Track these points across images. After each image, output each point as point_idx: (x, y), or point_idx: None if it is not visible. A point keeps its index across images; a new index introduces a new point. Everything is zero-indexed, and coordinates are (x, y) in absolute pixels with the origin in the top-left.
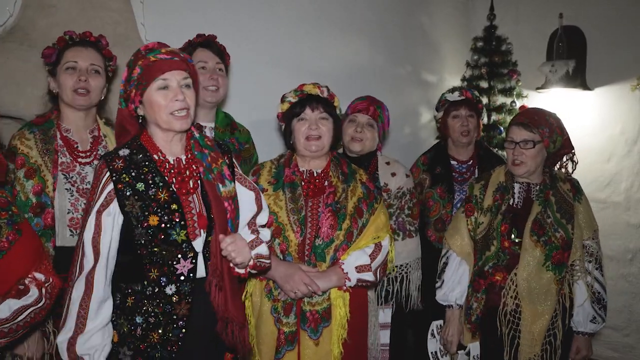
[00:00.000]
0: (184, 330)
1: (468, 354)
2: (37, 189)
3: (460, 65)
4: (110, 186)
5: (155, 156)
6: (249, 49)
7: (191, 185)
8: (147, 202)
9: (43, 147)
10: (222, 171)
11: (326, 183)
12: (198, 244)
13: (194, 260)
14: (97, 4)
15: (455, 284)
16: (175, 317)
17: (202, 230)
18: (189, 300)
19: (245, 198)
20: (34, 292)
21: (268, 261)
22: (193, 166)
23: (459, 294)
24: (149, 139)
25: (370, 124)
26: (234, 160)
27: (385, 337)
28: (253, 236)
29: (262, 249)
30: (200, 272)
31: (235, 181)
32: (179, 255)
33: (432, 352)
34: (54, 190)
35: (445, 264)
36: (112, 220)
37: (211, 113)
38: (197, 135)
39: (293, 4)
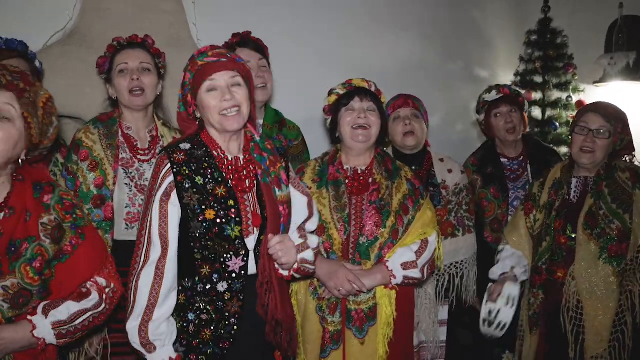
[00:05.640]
0: (235, 327)
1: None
2: (99, 182)
3: (514, 60)
4: (171, 177)
5: (215, 152)
6: (298, 47)
7: (247, 184)
8: (205, 195)
9: (106, 142)
10: (279, 175)
11: (370, 180)
12: (250, 242)
13: (245, 258)
14: (150, 6)
15: (507, 265)
16: (227, 314)
17: (255, 229)
18: (241, 297)
19: (299, 202)
20: (94, 297)
21: (312, 267)
22: (250, 166)
23: (514, 268)
24: (209, 137)
25: (415, 114)
26: (289, 164)
27: (442, 334)
28: (301, 241)
29: (308, 255)
30: (252, 270)
31: (290, 185)
32: (231, 252)
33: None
34: (114, 184)
35: (499, 251)
36: (175, 209)
37: (260, 110)
38: (257, 138)
39: (343, 1)
